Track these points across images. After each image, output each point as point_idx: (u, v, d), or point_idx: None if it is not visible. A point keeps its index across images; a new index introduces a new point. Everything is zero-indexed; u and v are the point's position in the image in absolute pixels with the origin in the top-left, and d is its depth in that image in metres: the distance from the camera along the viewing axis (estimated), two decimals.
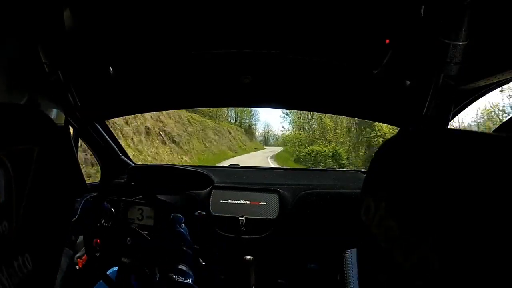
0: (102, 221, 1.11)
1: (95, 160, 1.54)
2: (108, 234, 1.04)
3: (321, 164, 11.87)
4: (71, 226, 0.94)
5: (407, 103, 1.08)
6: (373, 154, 0.33)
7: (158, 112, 8.42)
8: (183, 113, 10.48)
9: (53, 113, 0.98)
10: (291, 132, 18.22)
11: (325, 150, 12.87)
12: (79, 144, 1.32)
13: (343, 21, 0.83)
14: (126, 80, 1.15)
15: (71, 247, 1.06)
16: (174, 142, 9.03)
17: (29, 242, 0.32)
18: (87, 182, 1.41)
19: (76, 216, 0.97)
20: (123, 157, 1.56)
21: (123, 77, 1.12)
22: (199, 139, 11.02)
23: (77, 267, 1.03)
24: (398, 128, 1.41)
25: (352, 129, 14.06)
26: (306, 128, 17.69)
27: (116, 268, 1.08)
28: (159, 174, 1.37)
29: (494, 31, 0.73)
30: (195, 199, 1.24)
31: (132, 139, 6.92)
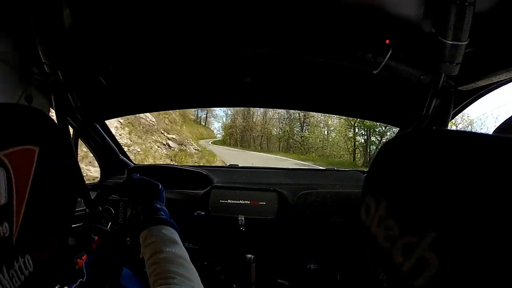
0: (102, 222, 1.11)
1: None
2: (108, 234, 1.04)
3: None
4: (81, 287, 0.93)
5: (407, 103, 1.09)
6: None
7: None
8: None
9: (53, 113, 0.98)
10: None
11: None
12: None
13: (343, 21, 0.83)
14: (126, 80, 1.15)
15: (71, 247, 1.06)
16: None
17: (29, 243, 0.32)
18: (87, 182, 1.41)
19: (84, 279, 0.95)
20: (122, 157, 1.56)
21: (123, 77, 1.12)
22: None
23: (77, 267, 1.03)
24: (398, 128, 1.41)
25: None
26: None
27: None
28: (158, 174, 1.37)
29: (494, 31, 0.73)
30: (195, 199, 1.24)
31: None
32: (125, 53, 0.95)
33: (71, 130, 1.22)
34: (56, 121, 0.93)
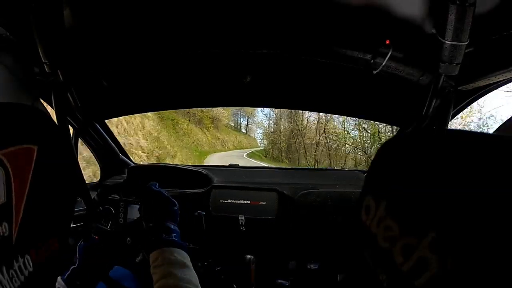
0: (102, 221, 1.11)
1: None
2: (108, 234, 1.04)
3: None
4: (73, 274, 0.92)
5: (407, 103, 1.09)
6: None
7: None
8: None
9: (53, 113, 0.98)
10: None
11: None
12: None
13: (343, 21, 0.83)
14: (126, 80, 1.15)
15: (71, 246, 1.06)
16: None
17: (29, 243, 0.32)
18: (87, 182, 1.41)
19: (76, 264, 0.94)
20: (122, 156, 1.56)
21: (123, 77, 1.12)
22: None
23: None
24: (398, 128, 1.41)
25: None
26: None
27: (116, 268, 1.08)
28: (158, 174, 1.37)
29: (494, 31, 0.73)
30: (195, 199, 1.24)
31: None
32: (125, 53, 0.95)
33: (71, 129, 1.22)
34: (55, 121, 0.93)
